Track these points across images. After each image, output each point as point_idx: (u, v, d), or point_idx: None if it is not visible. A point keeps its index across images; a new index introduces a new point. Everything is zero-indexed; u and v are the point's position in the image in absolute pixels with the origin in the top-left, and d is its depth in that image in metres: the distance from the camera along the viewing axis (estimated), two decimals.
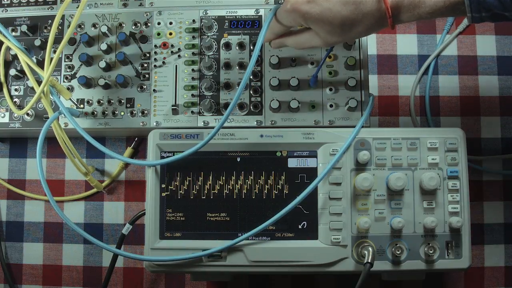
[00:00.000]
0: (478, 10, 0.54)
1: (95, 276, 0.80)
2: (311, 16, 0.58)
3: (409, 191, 0.66)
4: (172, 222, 0.67)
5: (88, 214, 0.81)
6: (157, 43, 0.75)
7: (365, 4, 0.56)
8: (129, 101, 0.74)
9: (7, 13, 0.77)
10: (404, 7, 0.56)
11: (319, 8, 0.57)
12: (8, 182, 0.82)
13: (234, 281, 0.77)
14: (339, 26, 0.58)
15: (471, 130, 0.81)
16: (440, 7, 0.55)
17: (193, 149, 0.65)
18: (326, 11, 0.57)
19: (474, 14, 0.54)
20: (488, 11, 0.54)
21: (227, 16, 0.75)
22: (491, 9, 0.53)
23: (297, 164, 0.68)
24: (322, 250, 0.65)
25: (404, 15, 0.56)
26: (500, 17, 0.55)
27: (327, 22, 0.57)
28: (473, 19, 0.55)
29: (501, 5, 0.53)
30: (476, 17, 0.55)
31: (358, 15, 0.56)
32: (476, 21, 0.55)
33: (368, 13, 0.56)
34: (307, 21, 0.59)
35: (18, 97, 0.75)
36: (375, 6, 0.56)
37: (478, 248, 0.79)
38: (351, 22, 0.57)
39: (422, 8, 0.55)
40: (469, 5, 0.54)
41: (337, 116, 0.72)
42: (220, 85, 0.74)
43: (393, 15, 0.56)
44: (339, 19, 0.57)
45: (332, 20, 0.57)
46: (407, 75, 0.83)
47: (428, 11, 0.55)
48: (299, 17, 0.59)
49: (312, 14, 0.57)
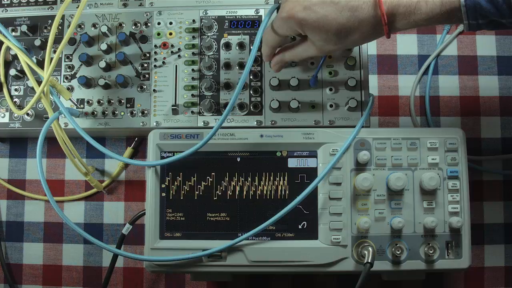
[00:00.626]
0: (474, 17, 0.54)
1: (95, 276, 0.80)
2: (307, 23, 0.57)
3: (409, 191, 0.66)
4: (172, 222, 0.67)
5: (88, 214, 0.81)
6: (157, 43, 0.75)
7: (361, 11, 0.56)
8: (129, 101, 0.74)
9: (7, 13, 0.77)
10: (399, 14, 0.56)
11: (315, 15, 0.57)
12: (8, 182, 0.82)
13: (234, 281, 0.76)
14: (335, 34, 0.57)
15: (471, 130, 0.81)
16: (436, 14, 0.54)
17: (193, 149, 0.65)
18: (322, 18, 0.57)
19: (470, 21, 0.54)
20: (484, 18, 0.54)
21: (227, 16, 0.75)
22: (487, 16, 0.53)
23: (297, 164, 0.68)
24: (322, 250, 0.65)
25: (399, 22, 0.56)
26: (497, 25, 0.55)
27: (323, 29, 0.57)
28: (470, 27, 0.55)
29: (498, 11, 0.52)
30: (473, 25, 0.54)
31: (354, 22, 0.56)
32: (473, 29, 0.55)
33: (364, 20, 0.56)
34: (303, 28, 0.58)
35: (18, 97, 0.75)
36: (371, 13, 0.56)
37: (478, 248, 0.79)
38: (347, 30, 0.57)
39: (418, 15, 0.55)
40: (465, 12, 0.53)
41: (337, 116, 0.72)
42: (220, 85, 0.74)
43: (389, 22, 0.56)
44: (335, 26, 0.57)
45: (328, 28, 0.57)
46: (407, 75, 0.83)
47: (424, 18, 0.55)
48: (295, 24, 0.59)
49: (308, 21, 0.57)
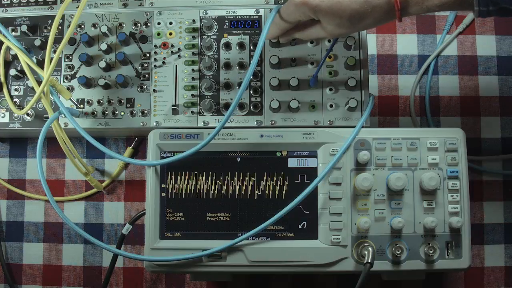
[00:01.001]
0: (485, 3, 0.54)
1: (95, 276, 0.80)
2: (321, 9, 0.58)
3: (409, 191, 0.66)
4: (172, 222, 0.67)
5: (88, 214, 0.81)
6: (157, 43, 0.75)
7: None
8: (129, 101, 0.74)
9: (7, 13, 0.77)
10: (412, 0, 0.56)
11: (329, 1, 0.57)
12: (8, 182, 0.82)
13: (234, 281, 0.76)
14: (348, 19, 0.58)
15: (471, 130, 0.81)
16: (448, 0, 0.55)
17: (194, 150, 0.64)
18: (336, 4, 0.57)
19: (481, 7, 0.54)
20: (495, 5, 0.54)
21: (227, 16, 0.75)
22: (498, 2, 0.53)
23: (297, 164, 0.68)
24: (322, 250, 0.65)
25: (412, 8, 0.57)
26: (507, 12, 0.55)
27: (336, 15, 0.58)
28: (480, 13, 0.55)
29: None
30: (483, 11, 0.55)
31: (367, 8, 0.57)
32: (483, 15, 0.55)
33: (377, 6, 0.57)
34: (316, 14, 0.59)
35: (18, 97, 0.75)
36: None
37: (478, 248, 0.79)
38: (360, 15, 0.58)
39: (430, 1, 0.56)
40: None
41: (337, 116, 0.72)
42: (220, 85, 0.74)
43: (402, 8, 0.57)
44: (349, 12, 0.57)
45: (342, 14, 0.58)
46: (407, 75, 0.83)
47: (436, 4, 0.56)
48: (308, 10, 0.59)
49: (322, 7, 0.58)
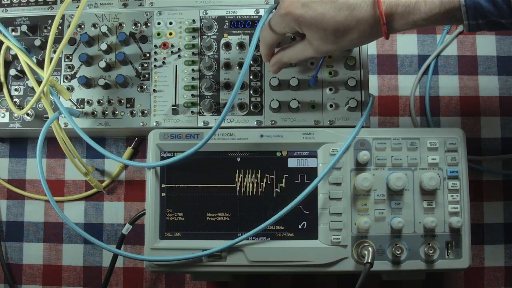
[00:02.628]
0: (474, 17, 0.53)
1: (95, 276, 0.80)
2: (305, 20, 0.57)
3: (409, 191, 0.66)
4: (172, 222, 0.67)
5: (88, 214, 0.81)
6: (157, 43, 0.75)
7: (359, 9, 0.56)
8: (129, 101, 0.74)
9: (7, 13, 0.77)
10: (398, 14, 0.55)
11: (313, 13, 0.57)
12: (8, 182, 0.82)
13: (234, 281, 0.76)
14: (332, 32, 0.57)
15: (471, 130, 0.81)
16: (435, 14, 0.54)
17: (192, 150, 0.65)
18: (319, 16, 0.57)
19: (470, 21, 0.54)
20: (484, 18, 0.53)
21: (227, 16, 0.75)
22: (487, 16, 0.53)
23: (297, 164, 0.68)
24: (322, 250, 0.65)
25: (398, 22, 0.56)
26: (496, 25, 0.54)
27: (320, 27, 0.57)
28: (470, 27, 0.54)
29: (498, 11, 0.52)
30: (473, 25, 0.54)
31: (352, 21, 0.56)
32: (473, 29, 0.55)
33: (362, 19, 0.56)
34: (300, 25, 0.58)
35: (18, 97, 0.75)
36: (369, 12, 0.56)
37: (478, 248, 0.79)
38: (344, 28, 0.57)
39: (416, 14, 0.55)
40: (465, 11, 0.53)
41: (337, 116, 0.72)
42: (220, 85, 0.74)
43: (387, 22, 0.56)
44: (333, 24, 0.57)
45: (326, 26, 0.57)
46: (407, 75, 0.83)
47: (423, 18, 0.55)
48: (292, 21, 0.59)
49: (306, 18, 0.57)
